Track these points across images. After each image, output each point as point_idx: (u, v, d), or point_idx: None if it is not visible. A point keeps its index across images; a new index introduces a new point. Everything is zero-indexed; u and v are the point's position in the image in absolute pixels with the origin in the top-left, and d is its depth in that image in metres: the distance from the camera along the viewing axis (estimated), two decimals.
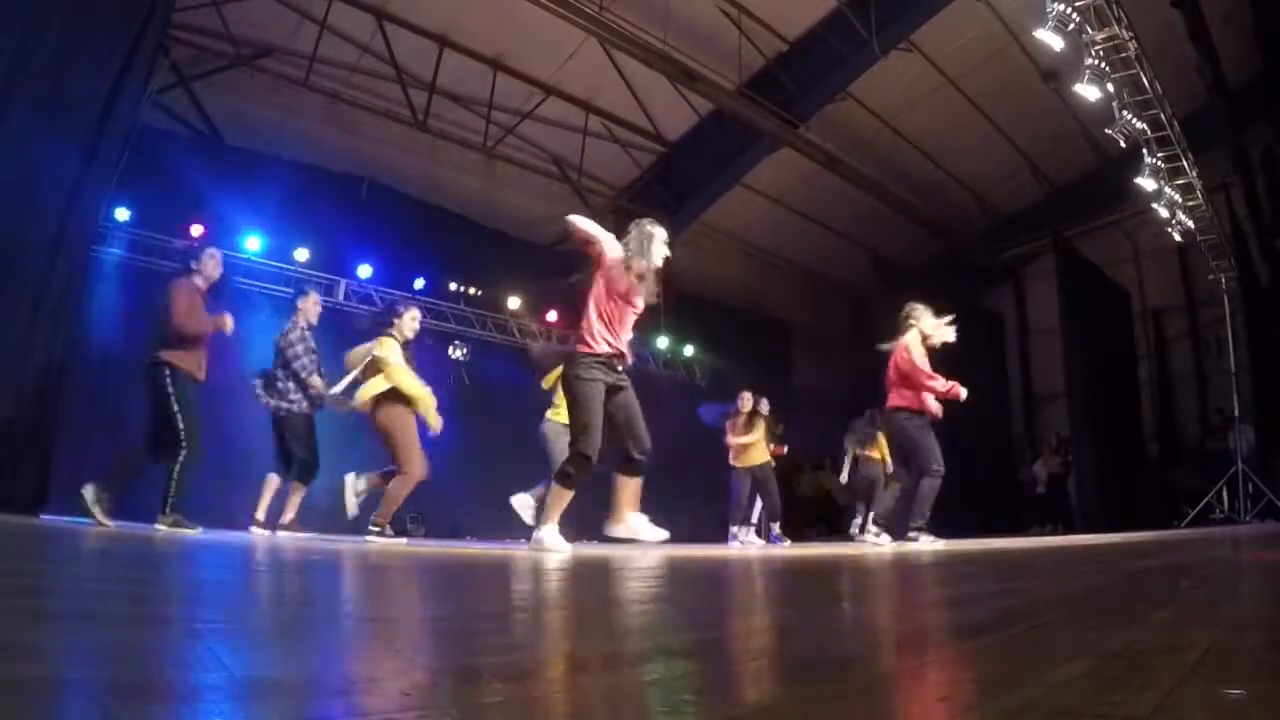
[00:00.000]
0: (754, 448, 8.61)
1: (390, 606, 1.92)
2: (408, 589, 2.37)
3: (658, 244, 4.25)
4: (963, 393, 5.98)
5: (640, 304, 4.27)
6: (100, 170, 5.50)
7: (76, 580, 2.06)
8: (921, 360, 6.06)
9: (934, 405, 6.01)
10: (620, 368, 4.22)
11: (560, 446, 5.34)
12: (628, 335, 4.28)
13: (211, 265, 5.37)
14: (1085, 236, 13.24)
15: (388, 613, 1.77)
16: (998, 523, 11.45)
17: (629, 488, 4.22)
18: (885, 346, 6.28)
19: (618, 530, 4.23)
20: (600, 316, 4.20)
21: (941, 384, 5.98)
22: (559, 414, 6.10)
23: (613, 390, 4.15)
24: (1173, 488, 12.31)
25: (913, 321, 6.24)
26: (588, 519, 5.12)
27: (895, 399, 6.12)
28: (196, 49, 8.27)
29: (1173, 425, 13.88)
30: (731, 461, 8.66)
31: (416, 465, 5.38)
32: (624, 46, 8.75)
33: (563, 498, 4.16)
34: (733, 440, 8.64)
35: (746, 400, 8.73)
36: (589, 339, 4.18)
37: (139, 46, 5.54)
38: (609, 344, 4.18)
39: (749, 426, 8.66)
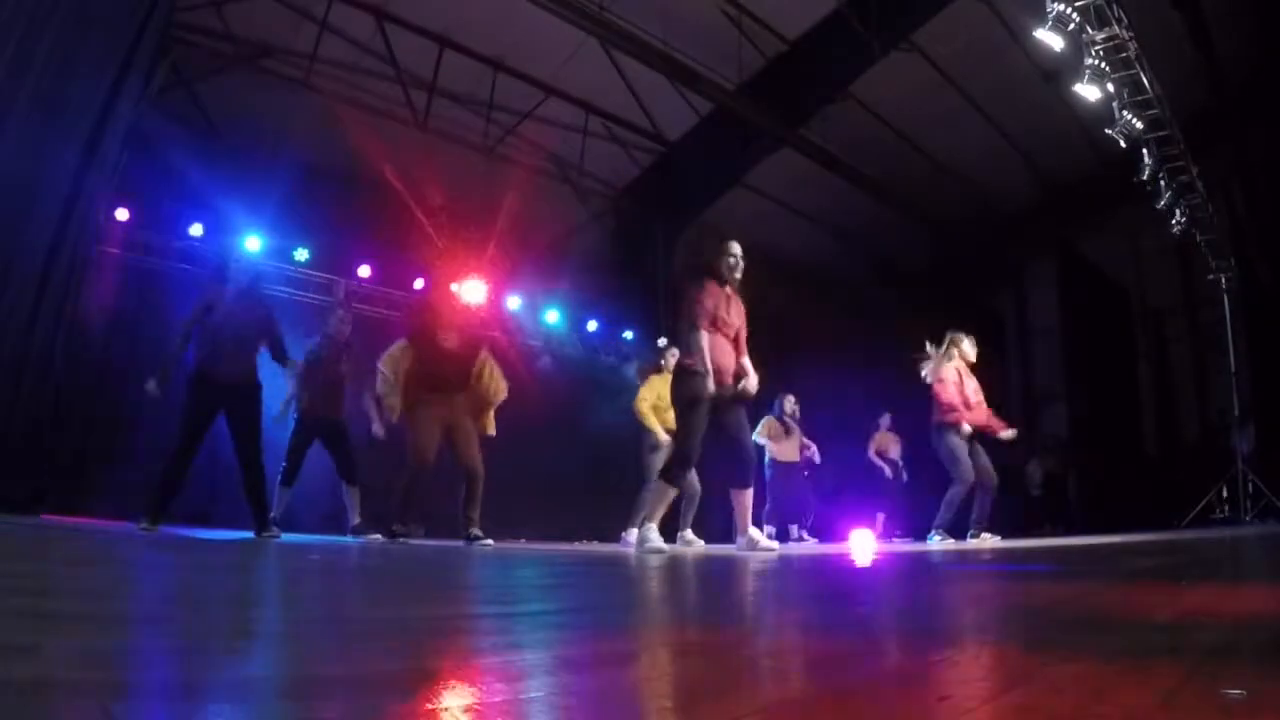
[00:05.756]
0: (789, 446, 8.78)
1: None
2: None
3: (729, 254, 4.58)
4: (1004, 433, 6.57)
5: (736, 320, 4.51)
6: (100, 170, 5.50)
7: (76, 580, 2.06)
8: (956, 389, 6.46)
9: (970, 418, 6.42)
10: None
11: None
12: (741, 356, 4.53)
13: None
14: (1085, 236, 13.23)
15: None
16: (1000, 524, 11.44)
17: (739, 501, 4.52)
18: (926, 369, 6.61)
19: (739, 542, 4.56)
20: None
21: (980, 416, 6.47)
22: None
23: (718, 405, 4.37)
24: (1173, 488, 12.30)
25: (955, 351, 6.42)
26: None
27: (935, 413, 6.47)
28: (197, 49, 8.26)
29: (1173, 425, 13.87)
30: (772, 458, 8.73)
31: (417, 457, 5.44)
32: (624, 46, 8.74)
33: (665, 495, 4.42)
34: (771, 444, 8.72)
35: (790, 402, 8.82)
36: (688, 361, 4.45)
37: (139, 46, 5.54)
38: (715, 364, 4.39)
39: (785, 428, 8.75)
